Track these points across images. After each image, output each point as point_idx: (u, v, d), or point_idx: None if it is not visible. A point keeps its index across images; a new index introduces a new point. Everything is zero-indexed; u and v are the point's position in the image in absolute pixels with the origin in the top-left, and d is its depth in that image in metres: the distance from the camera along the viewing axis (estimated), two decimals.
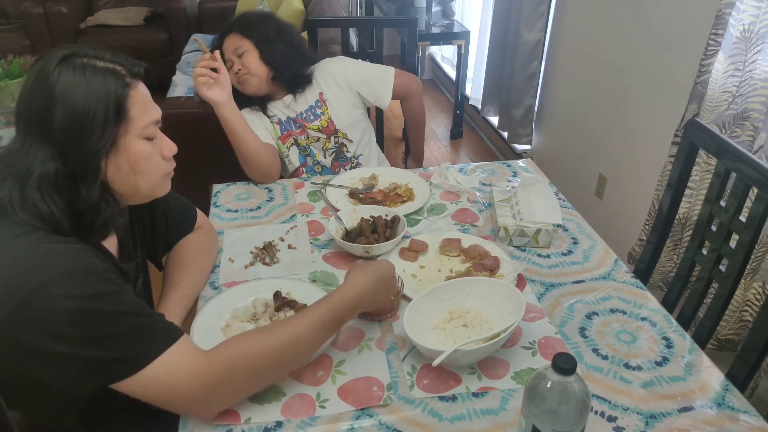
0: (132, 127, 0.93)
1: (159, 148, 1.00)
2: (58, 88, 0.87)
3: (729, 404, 0.98)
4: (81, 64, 0.90)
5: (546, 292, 1.23)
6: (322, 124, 1.79)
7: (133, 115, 0.93)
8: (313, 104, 1.79)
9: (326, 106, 1.79)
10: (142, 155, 0.96)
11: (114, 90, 0.91)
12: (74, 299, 0.81)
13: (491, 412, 0.96)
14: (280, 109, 1.79)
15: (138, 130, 0.94)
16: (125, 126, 0.92)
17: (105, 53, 0.94)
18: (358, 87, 1.81)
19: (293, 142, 1.80)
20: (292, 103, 1.79)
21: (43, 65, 0.89)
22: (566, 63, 2.84)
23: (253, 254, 1.34)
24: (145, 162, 0.96)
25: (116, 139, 0.91)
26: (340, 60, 1.86)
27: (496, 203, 1.46)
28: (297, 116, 1.79)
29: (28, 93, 0.90)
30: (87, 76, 0.89)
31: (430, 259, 1.33)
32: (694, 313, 1.36)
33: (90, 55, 0.92)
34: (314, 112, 1.79)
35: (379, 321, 1.15)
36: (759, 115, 1.68)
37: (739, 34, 1.64)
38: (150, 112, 0.97)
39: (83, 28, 4.43)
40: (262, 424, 0.94)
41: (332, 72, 1.81)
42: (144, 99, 0.96)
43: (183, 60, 3.71)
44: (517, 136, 3.23)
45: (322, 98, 1.79)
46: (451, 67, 4.35)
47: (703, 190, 1.78)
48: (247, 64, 1.69)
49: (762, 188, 1.17)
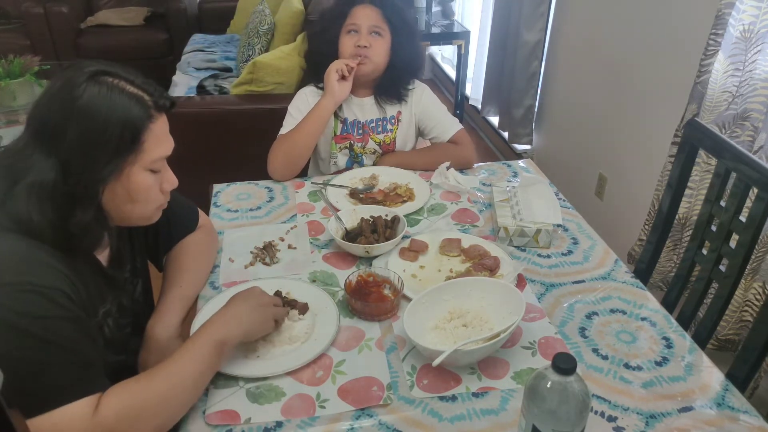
0: (141, 158, 0.92)
1: (160, 182, 0.99)
2: (80, 102, 0.85)
3: (729, 404, 0.98)
4: (109, 83, 0.89)
5: (546, 292, 1.23)
6: (385, 140, 1.73)
7: (147, 147, 0.92)
8: (387, 118, 1.72)
9: (398, 125, 1.74)
10: (142, 186, 0.94)
11: (135, 118, 0.89)
12: (4, 309, 0.78)
13: (491, 412, 0.96)
14: (351, 108, 1.71)
15: (146, 162, 0.93)
16: (135, 156, 0.91)
17: (137, 77, 0.93)
18: (421, 119, 1.74)
19: (347, 146, 1.73)
20: (370, 108, 1.71)
21: (71, 75, 0.88)
22: (566, 63, 2.84)
23: (253, 254, 1.34)
24: (144, 193, 0.95)
25: (123, 167, 0.90)
26: (423, 87, 1.77)
27: (496, 203, 1.46)
28: (366, 122, 1.71)
29: (48, 99, 0.88)
30: (112, 97, 0.88)
31: (430, 259, 1.33)
32: (694, 313, 1.36)
33: (121, 77, 0.91)
34: (384, 126, 1.72)
35: (379, 321, 1.15)
36: (759, 115, 1.68)
37: (739, 34, 1.64)
38: (163, 147, 0.96)
39: (83, 28, 4.43)
40: (262, 424, 0.94)
41: (418, 96, 1.74)
42: (161, 133, 0.95)
43: (183, 60, 3.70)
44: (517, 136, 3.23)
45: (398, 117, 1.73)
46: (451, 67, 4.35)
47: (703, 190, 1.78)
48: (377, 48, 1.60)
49: (762, 188, 1.17)
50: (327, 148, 1.74)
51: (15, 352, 0.78)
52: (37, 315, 0.80)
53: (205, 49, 3.87)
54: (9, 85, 2.94)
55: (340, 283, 1.24)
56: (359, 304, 1.15)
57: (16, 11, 4.34)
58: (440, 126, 1.74)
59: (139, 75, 0.94)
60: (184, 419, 0.94)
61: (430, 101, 1.75)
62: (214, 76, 3.36)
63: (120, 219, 0.98)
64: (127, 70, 0.93)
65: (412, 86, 1.74)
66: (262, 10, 3.33)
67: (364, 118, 1.71)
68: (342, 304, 1.18)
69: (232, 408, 0.96)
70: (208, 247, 1.30)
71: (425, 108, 1.74)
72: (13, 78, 2.95)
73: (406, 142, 1.77)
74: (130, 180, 0.92)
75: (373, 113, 1.72)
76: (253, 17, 3.39)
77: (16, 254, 0.83)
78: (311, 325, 1.12)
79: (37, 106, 0.89)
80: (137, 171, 0.92)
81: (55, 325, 0.82)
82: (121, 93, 0.89)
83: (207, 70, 3.50)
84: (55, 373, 0.81)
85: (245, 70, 2.57)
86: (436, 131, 1.75)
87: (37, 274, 0.83)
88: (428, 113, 1.74)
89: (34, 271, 0.83)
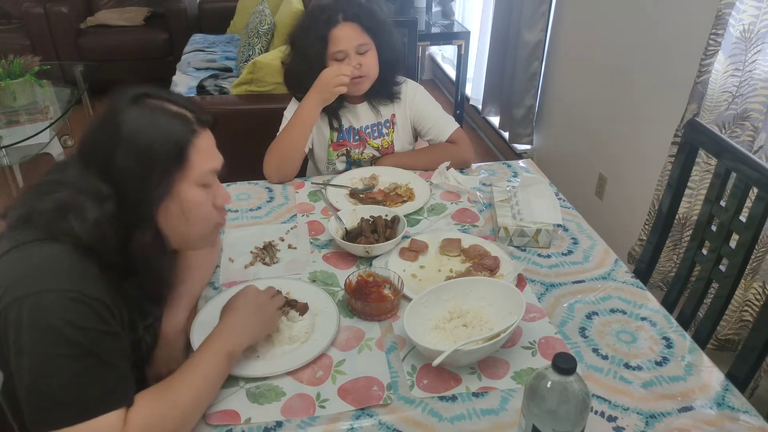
0: (190, 174, 0.93)
1: (212, 197, 0.99)
2: (124, 126, 0.87)
3: (729, 404, 0.98)
4: (152, 105, 0.91)
5: (546, 292, 1.23)
6: (383, 144, 1.72)
7: (194, 161, 0.92)
8: (381, 122, 1.71)
9: (393, 128, 1.73)
10: (194, 202, 0.95)
11: (180, 135, 0.91)
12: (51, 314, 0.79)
13: (491, 412, 0.96)
14: (345, 116, 1.70)
15: (195, 177, 0.93)
16: (183, 172, 0.92)
17: (178, 97, 0.95)
18: (417, 119, 1.74)
19: (344, 153, 1.72)
20: (364, 114, 1.70)
21: (114, 102, 0.89)
22: (567, 63, 2.85)
23: (253, 254, 1.34)
24: (196, 209, 0.95)
25: (173, 185, 0.91)
26: (417, 87, 1.75)
27: (497, 203, 1.46)
28: (361, 128, 1.70)
29: (95, 126, 0.90)
30: (155, 118, 0.90)
31: (430, 259, 1.33)
32: (694, 313, 1.36)
33: (163, 98, 0.93)
34: (380, 130, 1.71)
35: (379, 321, 1.15)
36: (759, 115, 1.68)
37: (739, 34, 1.64)
38: (212, 161, 0.97)
39: (83, 28, 4.43)
40: (262, 424, 0.94)
41: (411, 96, 1.72)
42: (207, 147, 0.96)
43: (183, 60, 3.70)
44: (518, 136, 3.23)
45: (393, 119, 1.72)
46: (451, 67, 4.35)
47: (703, 190, 1.78)
48: (368, 65, 1.58)
49: (762, 188, 1.17)
50: (324, 155, 1.73)
51: (56, 359, 0.79)
52: (81, 325, 0.80)
53: (205, 49, 3.87)
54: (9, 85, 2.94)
55: (340, 283, 1.24)
56: (359, 304, 1.15)
57: (17, 11, 4.35)
58: (437, 126, 1.74)
59: (180, 95, 0.96)
60: None
61: (424, 101, 1.74)
62: (214, 76, 3.36)
63: (180, 242, 0.99)
64: (169, 91, 0.95)
65: (401, 81, 1.72)
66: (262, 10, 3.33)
67: (359, 125, 1.71)
68: (342, 304, 1.19)
69: (232, 408, 0.96)
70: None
71: (420, 109, 1.73)
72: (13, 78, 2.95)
73: (404, 144, 1.77)
74: (182, 197, 0.93)
75: (368, 118, 1.71)
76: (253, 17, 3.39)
77: (66, 261, 0.84)
78: (311, 325, 1.12)
79: (86, 132, 0.91)
80: (187, 188, 0.93)
81: (97, 338, 0.82)
82: (163, 113, 0.91)
83: (207, 70, 3.50)
84: (89, 385, 0.81)
85: (245, 70, 2.58)
86: (433, 132, 1.74)
87: (86, 284, 0.83)
88: (423, 114, 1.74)
89: (83, 281, 0.83)
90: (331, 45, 1.56)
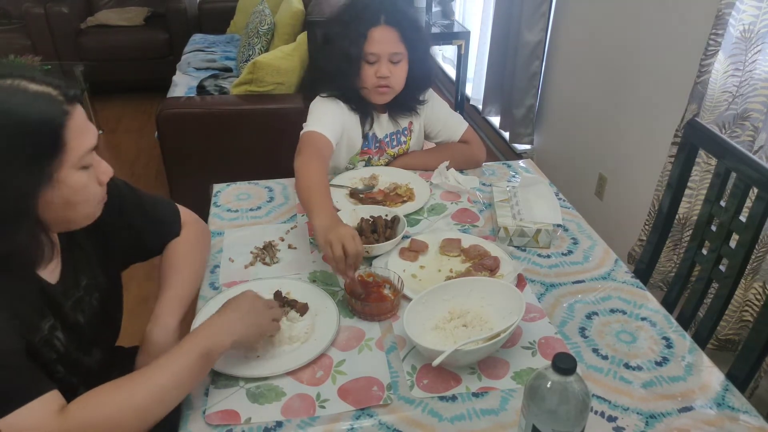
0: (68, 158, 0.83)
1: (95, 175, 0.90)
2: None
3: (729, 404, 0.98)
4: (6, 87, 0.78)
5: (546, 292, 1.24)
6: (399, 152, 1.73)
7: (71, 145, 0.82)
8: (400, 130, 1.71)
9: (411, 136, 1.73)
10: (78, 187, 0.86)
11: (49, 118, 0.80)
12: None
13: (491, 412, 0.96)
14: (372, 126, 1.68)
15: (74, 161, 0.84)
16: (60, 158, 0.82)
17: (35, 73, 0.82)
18: (428, 122, 1.73)
19: (365, 159, 1.71)
20: (385, 123, 1.68)
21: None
22: (567, 63, 2.85)
23: (253, 254, 1.34)
24: (82, 193, 0.87)
25: (51, 174, 0.81)
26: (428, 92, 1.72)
27: (496, 203, 1.46)
28: (381, 138, 1.69)
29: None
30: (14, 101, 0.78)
31: (430, 259, 1.33)
32: (694, 313, 1.36)
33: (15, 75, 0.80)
34: (399, 138, 1.71)
35: (379, 321, 1.15)
36: (759, 115, 1.68)
37: (739, 34, 1.64)
38: (88, 138, 0.86)
39: (83, 28, 4.44)
40: (262, 424, 0.94)
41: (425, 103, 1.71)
42: (81, 125, 0.85)
43: (183, 60, 3.71)
44: (518, 136, 3.23)
45: (410, 127, 1.72)
46: (451, 67, 4.35)
47: (703, 190, 1.78)
48: (397, 76, 1.53)
49: (762, 188, 1.17)
50: (345, 162, 1.71)
51: None
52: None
53: (205, 49, 3.88)
54: None
55: (340, 283, 1.24)
56: (359, 304, 1.15)
57: (17, 11, 4.35)
58: (447, 128, 1.74)
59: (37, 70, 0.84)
60: (184, 419, 0.94)
61: (434, 104, 1.74)
62: (214, 76, 3.36)
63: (64, 225, 0.92)
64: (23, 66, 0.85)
65: (424, 98, 1.69)
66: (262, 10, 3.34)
67: (381, 134, 1.70)
68: (342, 304, 1.19)
69: (232, 408, 0.96)
70: (198, 243, 1.26)
71: (431, 112, 1.74)
72: None
73: (418, 148, 1.78)
74: (64, 184, 0.84)
75: (388, 128, 1.70)
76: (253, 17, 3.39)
77: None
78: (311, 325, 1.12)
79: None
80: (68, 173, 0.84)
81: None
82: (24, 95, 0.79)
83: (207, 70, 3.51)
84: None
85: (245, 70, 2.58)
86: (444, 134, 1.74)
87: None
88: (434, 116, 1.74)
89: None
90: (367, 44, 1.51)
